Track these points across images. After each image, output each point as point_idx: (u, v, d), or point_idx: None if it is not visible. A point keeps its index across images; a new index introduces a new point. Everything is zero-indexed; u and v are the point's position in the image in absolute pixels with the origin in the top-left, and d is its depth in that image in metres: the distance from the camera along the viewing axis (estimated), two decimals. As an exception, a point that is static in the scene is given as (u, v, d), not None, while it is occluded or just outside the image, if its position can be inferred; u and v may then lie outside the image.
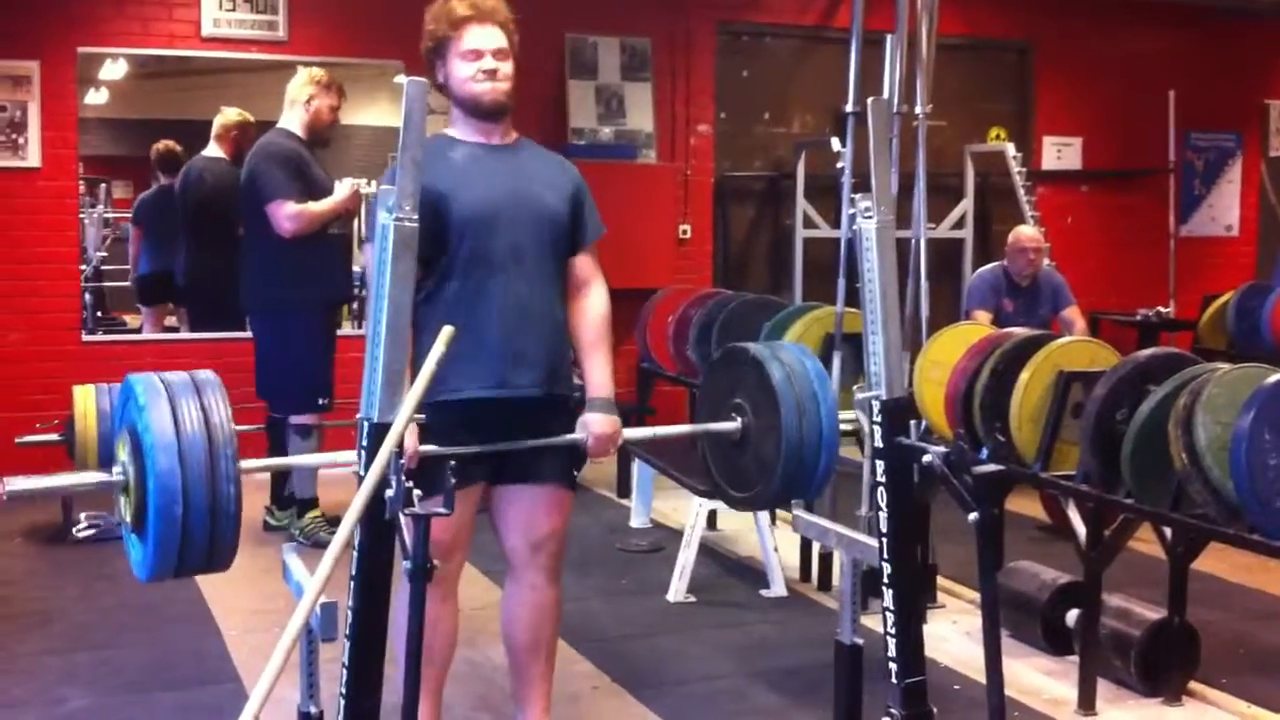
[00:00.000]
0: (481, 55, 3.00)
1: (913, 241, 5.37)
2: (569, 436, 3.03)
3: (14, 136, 6.48)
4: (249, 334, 5.76)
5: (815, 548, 4.92)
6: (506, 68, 3.04)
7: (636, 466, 5.80)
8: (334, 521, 5.20)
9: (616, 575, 5.06)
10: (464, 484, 2.88)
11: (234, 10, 6.78)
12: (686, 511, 5.17)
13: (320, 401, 5.32)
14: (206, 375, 2.40)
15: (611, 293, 3.21)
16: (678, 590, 4.76)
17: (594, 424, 3.03)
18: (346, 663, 2.35)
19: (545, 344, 3.03)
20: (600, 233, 3.20)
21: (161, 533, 2.24)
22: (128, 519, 2.37)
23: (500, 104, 3.05)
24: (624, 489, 6.30)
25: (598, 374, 3.10)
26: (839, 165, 6.00)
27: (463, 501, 2.90)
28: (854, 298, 5.09)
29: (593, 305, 3.15)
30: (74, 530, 5.43)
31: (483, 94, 3.02)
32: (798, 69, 8.11)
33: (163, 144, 7.59)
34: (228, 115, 6.58)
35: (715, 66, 7.83)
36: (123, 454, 2.38)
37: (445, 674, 3.16)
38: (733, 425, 3.11)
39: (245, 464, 2.34)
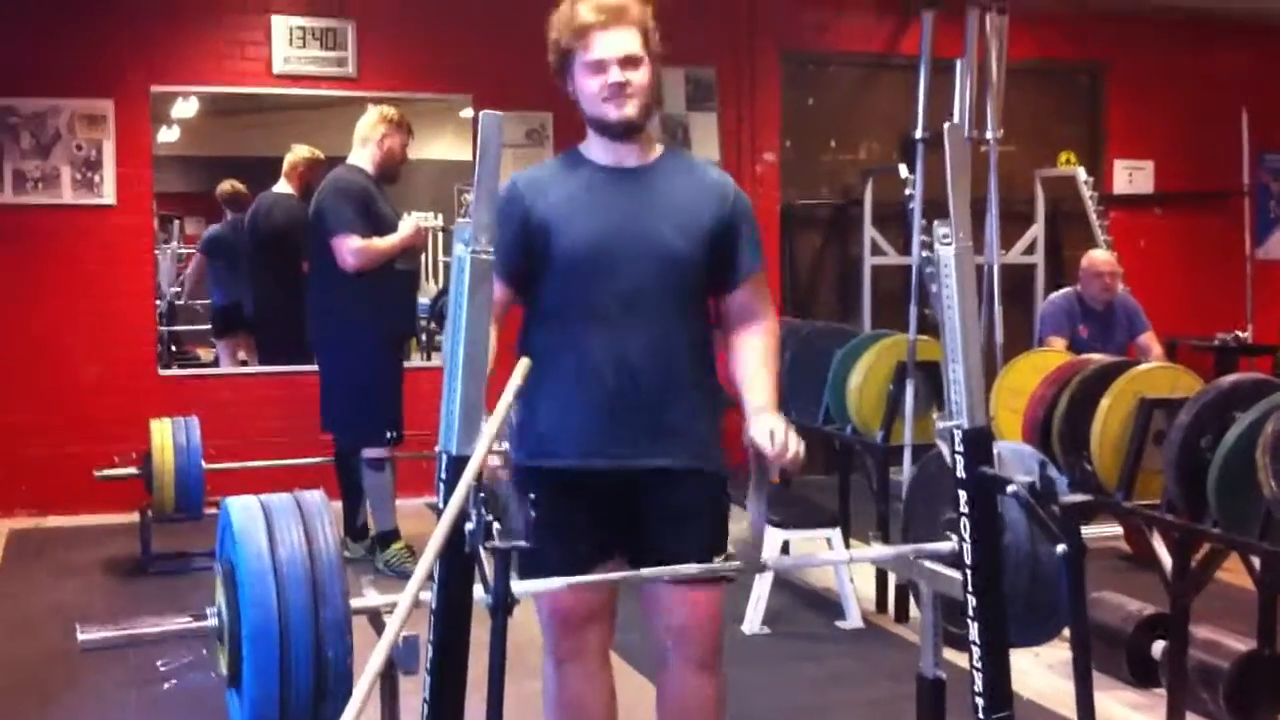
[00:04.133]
0: (607, 67, 2.58)
1: (986, 267, 5.33)
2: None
3: (90, 174, 6.59)
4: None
5: (891, 579, 4.86)
6: (639, 78, 2.60)
7: (707, 497, 5.76)
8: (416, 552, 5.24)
9: (689, 607, 5.01)
10: (588, 565, 2.61)
11: (304, 48, 6.86)
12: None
13: (390, 435, 5.34)
14: (313, 499, 2.24)
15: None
16: (752, 622, 4.71)
17: (760, 424, 2.54)
18: (427, 697, 2.33)
19: (664, 407, 2.63)
20: (755, 266, 2.73)
21: (257, 702, 2.08)
22: (224, 671, 2.18)
23: (630, 122, 2.63)
24: (694, 519, 6.26)
25: (759, 392, 2.62)
26: (907, 192, 5.98)
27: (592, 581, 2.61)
28: (924, 324, 5.08)
29: (755, 335, 2.70)
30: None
31: (608, 113, 2.61)
32: (863, 96, 8.08)
33: (227, 184, 7.75)
34: (297, 152, 6.69)
35: (780, 95, 7.81)
36: (219, 594, 2.19)
37: None
38: (948, 546, 2.71)
39: (356, 603, 2.16)
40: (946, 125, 2.74)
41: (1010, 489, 2.56)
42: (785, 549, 5.34)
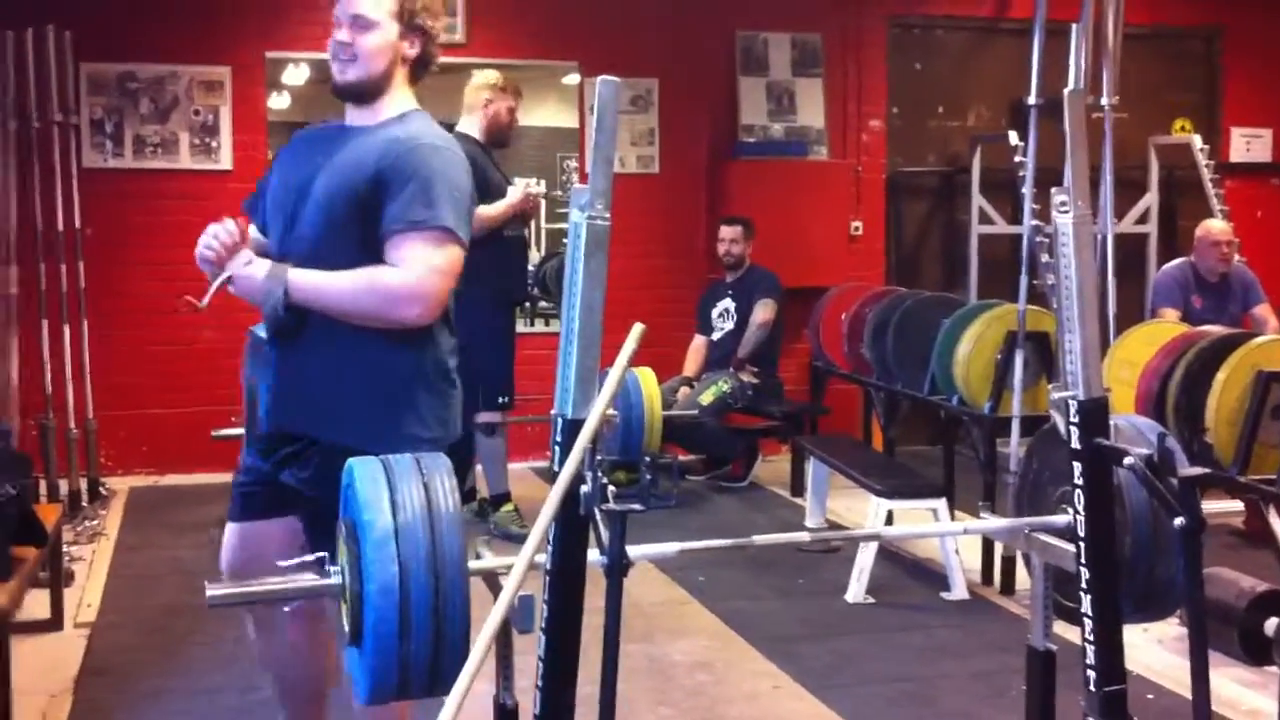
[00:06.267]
0: (340, 25, 2.57)
1: (1099, 237, 5.25)
2: None
3: (207, 140, 6.73)
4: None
5: (997, 550, 4.82)
6: (367, 42, 2.56)
7: (811, 465, 5.75)
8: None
9: (793, 575, 5.02)
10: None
11: (414, 14, 6.92)
12: (861, 511, 5.13)
13: (501, 400, 5.41)
14: (433, 460, 2.25)
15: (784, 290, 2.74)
16: (856, 591, 4.71)
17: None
18: (542, 655, 2.37)
19: (306, 377, 2.61)
20: (405, 220, 2.50)
21: (378, 659, 2.14)
22: (345, 628, 2.23)
23: (348, 88, 2.59)
24: (797, 487, 6.26)
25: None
26: (1017, 159, 5.89)
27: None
28: (1032, 294, 5.01)
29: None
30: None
31: (334, 73, 2.59)
32: (972, 61, 7.96)
33: None
34: (407, 118, 6.74)
35: (887, 60, 7.73)
36: (342, 554, 2.23)
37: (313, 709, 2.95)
38: (1063, 519, 2.68)
39: (473, 564, 2.24)
40: (1066, 91, 2.70)
41: (1127, 461, 2.53)
42: (889, 519, 5.34)
